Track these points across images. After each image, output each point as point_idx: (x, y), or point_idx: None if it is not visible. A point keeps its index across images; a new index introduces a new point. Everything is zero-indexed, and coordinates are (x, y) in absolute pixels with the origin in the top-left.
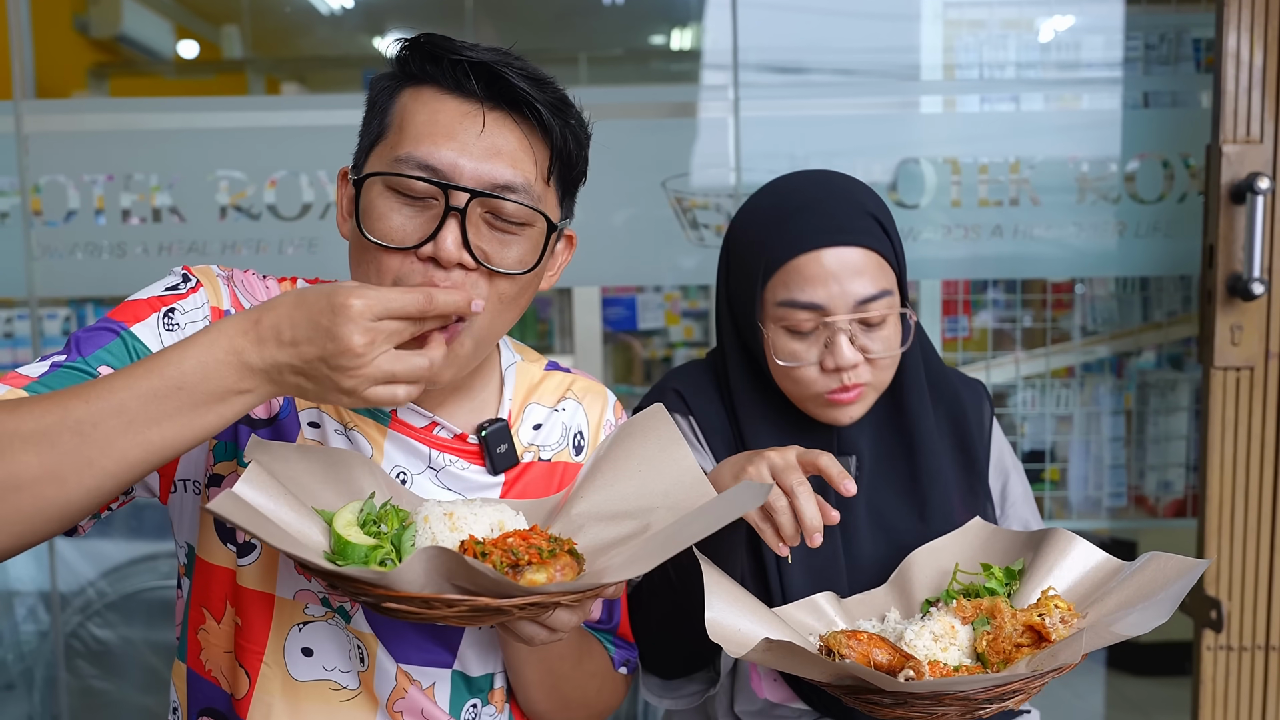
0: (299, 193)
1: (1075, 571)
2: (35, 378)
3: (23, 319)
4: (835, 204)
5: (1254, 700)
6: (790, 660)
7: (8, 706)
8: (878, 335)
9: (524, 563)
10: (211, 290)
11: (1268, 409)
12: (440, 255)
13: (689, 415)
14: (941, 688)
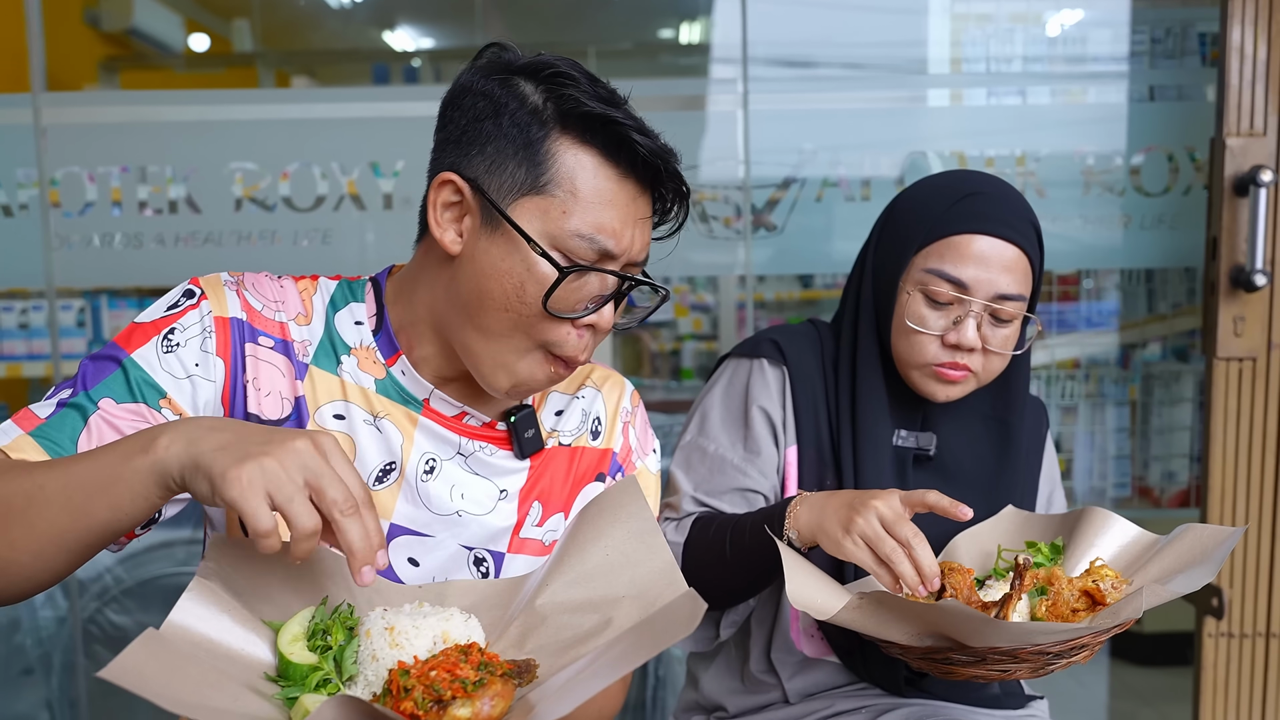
0: (313, 184)
1: (1115, 545)
2: (43, 419)
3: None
4: (1008, 203)
5: (1254, 686)
6: (878, 616)
7: (26, 691)
8: (1001, 331)
9: (448, 697)
10: (216, 301)
11: (1270, 399)
12: (599, 325)
13: (783, 365)
14: (1021, 640)
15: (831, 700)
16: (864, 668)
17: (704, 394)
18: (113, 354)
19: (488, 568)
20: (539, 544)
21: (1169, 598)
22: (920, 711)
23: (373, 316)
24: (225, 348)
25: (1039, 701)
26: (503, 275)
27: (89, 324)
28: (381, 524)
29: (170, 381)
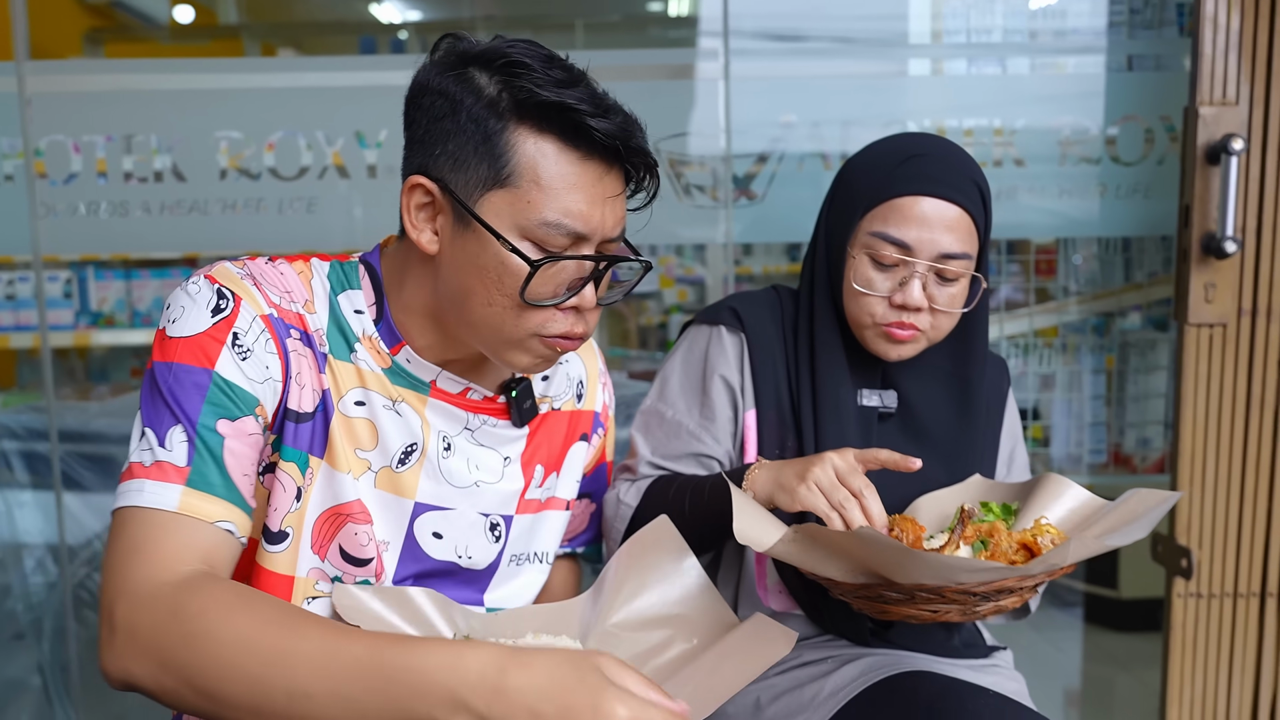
0: (297, 154)
1: (1065, 508)
2: (186, 466)
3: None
4: (949, 163)
5: (1221, 644)
6: (811, 551)
7: (18, 655)
8: (947, 290)
9: None
10: (250, 299)
11: (1239, 365)
12: (584, 306)
13: (741, 331)
14: (940, 576)
15: (799, 651)
16: (829, 620)
17: (666, 360)
18: (192, 374)
19: (500, 531)
20: (538, 503)
21: (1098, 550)
22: (884, 660)
23: (372, 305)
24: (278, 347)
25: (1003, 652)
26: (480, 271)
27: (75, 295)
28: (405, 505)
29: (256, 389)
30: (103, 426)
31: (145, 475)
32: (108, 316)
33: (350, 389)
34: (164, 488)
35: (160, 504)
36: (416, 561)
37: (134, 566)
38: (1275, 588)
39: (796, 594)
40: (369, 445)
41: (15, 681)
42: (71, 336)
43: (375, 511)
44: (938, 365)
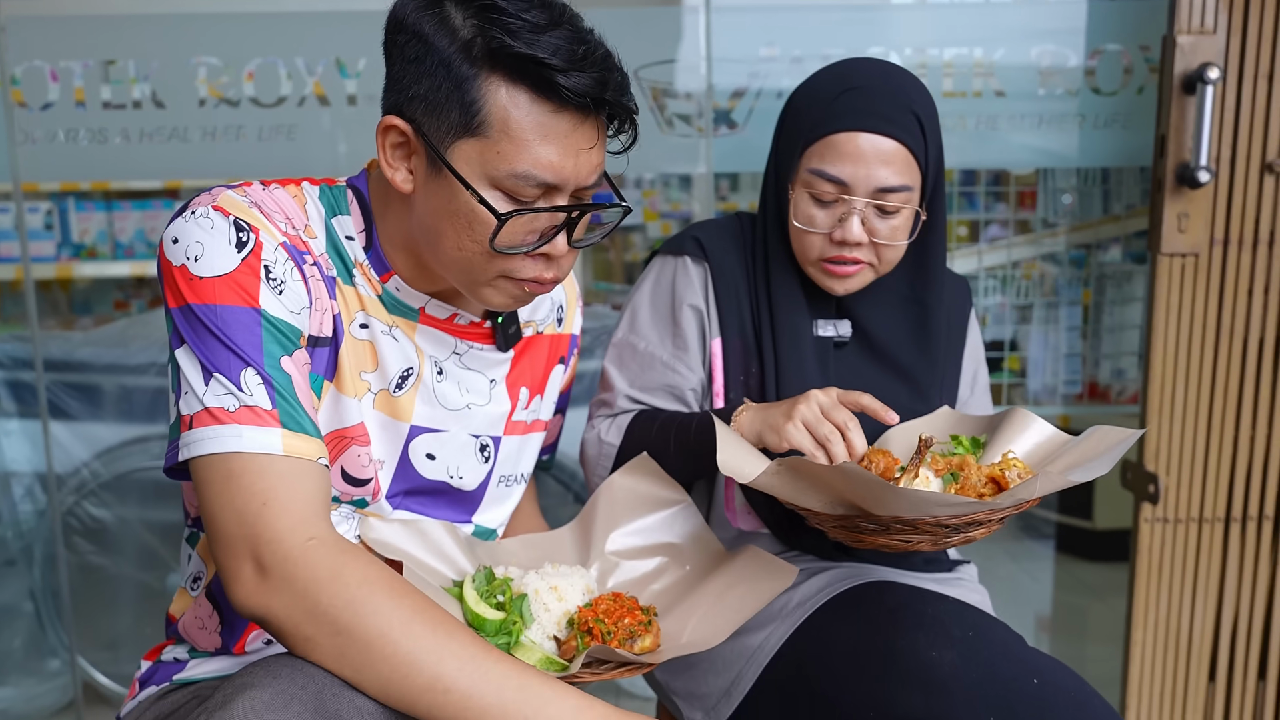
0: (277, 82)
1: (1031, 442)
2: (273, 408)
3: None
4: (883, 94)
5: (1186, 567)
6: (793, 483)
7: (10, 581)
8: (888, 223)
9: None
10: (265, 230)
11: (1210, 294)
12: (556, 253)
13: (704, 262)
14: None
15: None
16: (795, 538)
17: (634, 291)
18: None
19: (490, 452)
20: (525, 425)
21: (1063, 485)
22: (849, 572)
23: (361, 233)
24: (300, 274)
25: (966, 566)
26: (451, 216)
27: (57, 227)
28: (400, 428)
29: (296, 319)
30: (87, 356)
31: (235, 420)
32: (90, 248)
33: (355, 312)
34: (264, 432)
35: (267, 449)
36: (408, 480)
37: (274, 516)
38: (1240, 513)
39: (764, 516)
40: (370, 368)
41: (8, 607)
42: (54, 268)
43: (373, 432)
44: (894, 290)
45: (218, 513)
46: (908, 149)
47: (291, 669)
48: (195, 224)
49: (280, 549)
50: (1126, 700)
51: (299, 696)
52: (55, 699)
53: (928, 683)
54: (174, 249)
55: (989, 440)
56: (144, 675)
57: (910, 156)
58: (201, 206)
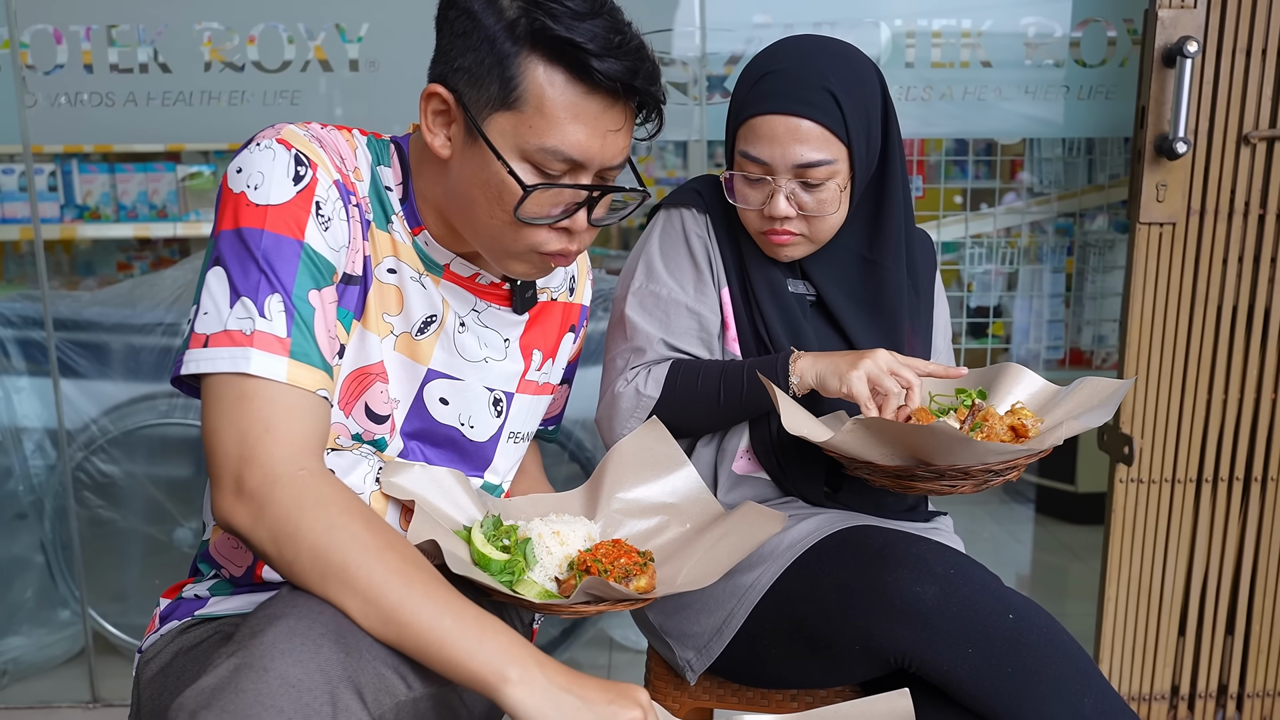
0: (280, 47)
1: (1027, 391)
2: (286, 337)
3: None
4: (797, 77)
5: (1159, 527)
6: (865, 439)
7: (21, 534)
8: (815, 196)
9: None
10: (324, 166)
11: (1186, 262)
12: (576, 228)
13: (705, 212)
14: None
15: None
16: (789, 483)
17: (642, 243)
18: (286, 243)
19: (502, 407)
20: (536, 384)
21: (1083, 430)
22: (837, 517)
23: (399, 185)
24: (347, 214)
25: (943, 517)
26: (483, 185)
27: (60, 189)
28: (418, 370)
29: (335, 257)
30: (95, 315)
31: (247, 343)
32: (93, 210)
33: (385, 256)
34: (271, 359)
35: (270, 374)
36: (421, 420)
37: (274, 443)
38: (1211, 474)
39: (764, 461)
40: (395, 311)
41: (20, 559)
42: (58, 230)
43: (392, 372)
44: (851, 251)
45: (222, 430)
46: (822, 125)
47: (310, 602)
48: (259, 154)
49: (274, 473)
50: (1099, 653)
51: (319, 623)
52: (66, 648)
53: (911, 616)
54: (237, 178)
55: (990, 393)
56: (164, 611)
57: (826, 132)
58: (266, 139)
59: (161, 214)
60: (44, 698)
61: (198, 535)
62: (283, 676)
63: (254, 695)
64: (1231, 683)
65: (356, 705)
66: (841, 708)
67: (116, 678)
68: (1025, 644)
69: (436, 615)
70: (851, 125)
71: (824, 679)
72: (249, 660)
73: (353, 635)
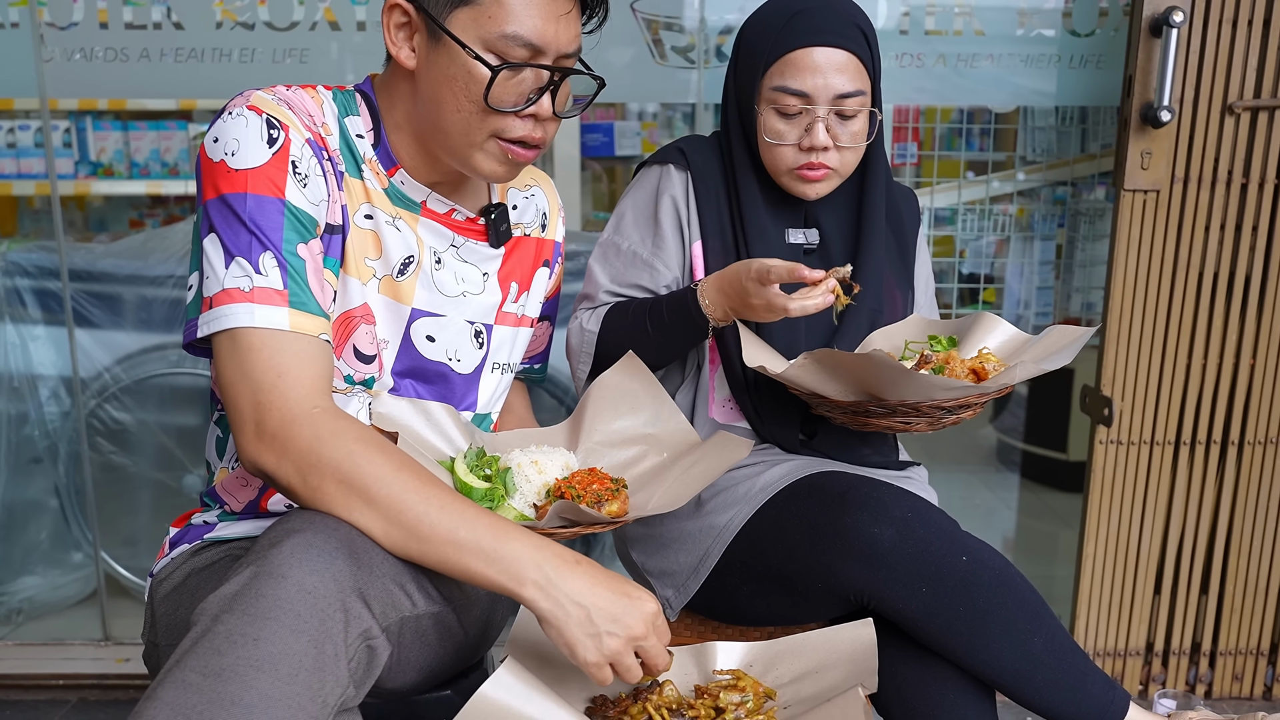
0: (290, 6)
1: (998, 339)
2: (284, 289)
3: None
4: (830, 13)
5: (1136, 489)
6: (818, 373)
7: (36, 478)
8: (848, 127)
9: (604, 499)
10: (294, 127)
11: (1169, 229)
12: (540, 114)
13: (687, 170)
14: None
15: None
16: (766, 430)
17: (622, 198)
18: (268, 203)
19: (483, 339)
20: (514, 316)
21: (1036, 373)
22: (808, 463)
23: (370, 131)
24: (321, 169)
25: (917, 468)
26: (450, 81)
27: (75, 145)
28: (402, 310)
29: (316, 211)
30: (109, 266)
31: (248, 299)
32: (107, 167)
33: (361, 204)
34: (273, 310)
35: (274, 324)
36: (411, 359)
37: (288, 388)
38: (1189, 437)
39: (744, 409)
40: (374, 255)
41: (34, 502)
42: (72, 185)
43: (379, 314)
44: (849, 192)
45: (237, 381)
46: (857, 57)
47: (325, 519)
48: (233, 122)
49: (291, 414)
50: (1076, 610)
51: (334, 538)
52: (78, 589)
53: (869, 556)
54: (214, 147)
55: (962, 340)
56: (174, 538)
57: (859, 64)
58: (237, 107)
59: (173, 171)
60: (57, 635)
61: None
62: (300, 584)
63: (273, 599)
64: (1205, 640)
65: (366, 614)
66: (808, 635)
67: (127, 617)
68: (977, 584)
69: (454, 526)
70: (875, 59)
71: (793, 616)
72: (267, 568)
73: (365, 552)
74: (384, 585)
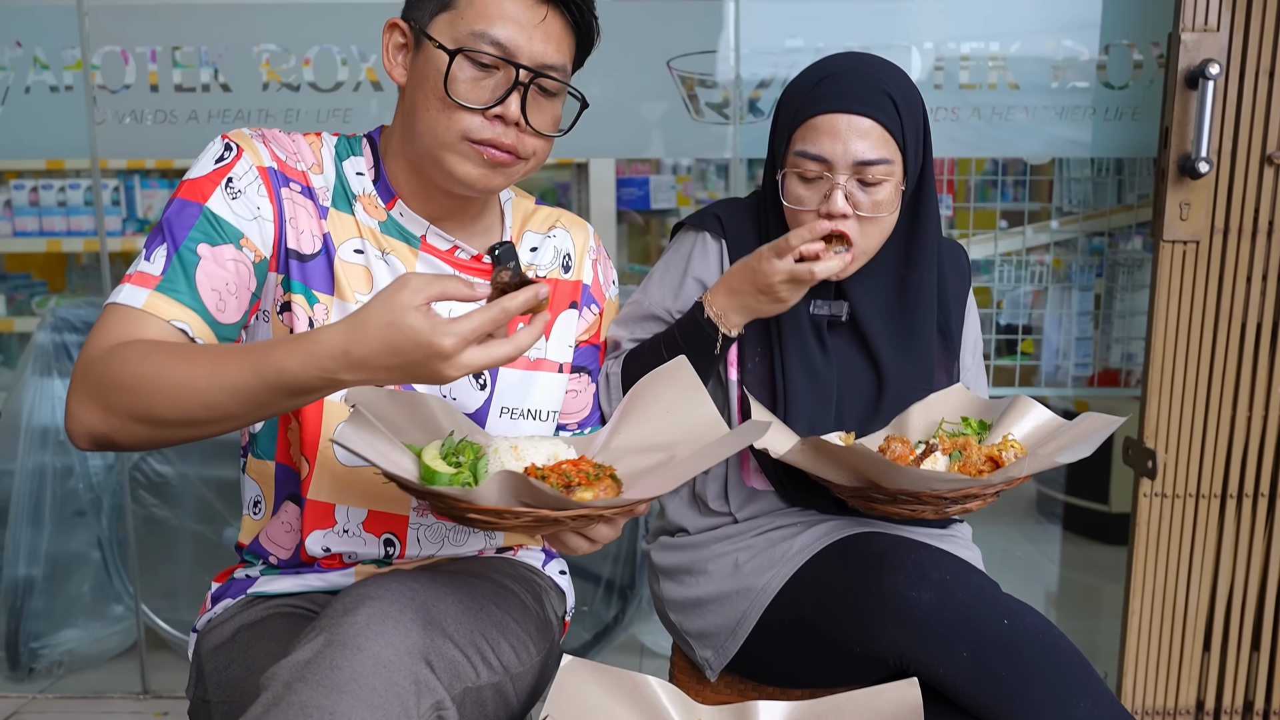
0: (334, 68)
1: (1030, 425)
2: (159, 275)
3: (75, 188)
4: (857, 79)
5: (1183, 540)
6: (816, 459)
7: (80, 531)
8: (871, 196)
9: (575, 484)
10: (251, 152)
11: (1210, 280)
12: (507, 116)
13: (722, 238)
14: (918, 484)
15: (773, 519)
16: (798, 497)
17: (658, 261)
18: (188, 205)
19: (485, 380)
20: (526, 360)
21: (1048, 465)
22: (846, 522)
23: (371, 168)
24: (271, 193)
25: (960, 525)
26: (423, 81)
27: (123, 203)
28: None
29: (243, 223)
30: None
31: (126, 281)
32: (153, 223)
33: (349, 238)
34: (137, 290)
35: (130, 302)
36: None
37: (90, 346)
38: (1235, 489)
39: (771, 477)
40: (364, 289)
41: (77, 554)
42: (120, 242)
43: None
44: (890, 269)
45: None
46: (881, 125)
47: (399, 583)
48: (207, 149)
49: (79, 369)
50: (1124, 668)
51: (409, 607)
52: (119, 642)
53: (908, 620)
54: None
55: (995, 423)
56: (216, 592)
57: (885, 132)
58: (217, 137)
59: None
60: (97, 688)
61: None
62: (375, 656)
63: (348, 673)
64: (1257, 699)
65: (437, 685)
66: (852, 695)
67: (166, 670)
68: (1020, 648)
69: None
70: (907, 129)
71: (833, 679)
72: (341, 638)
73: (437, 619)
74: (453, 654)
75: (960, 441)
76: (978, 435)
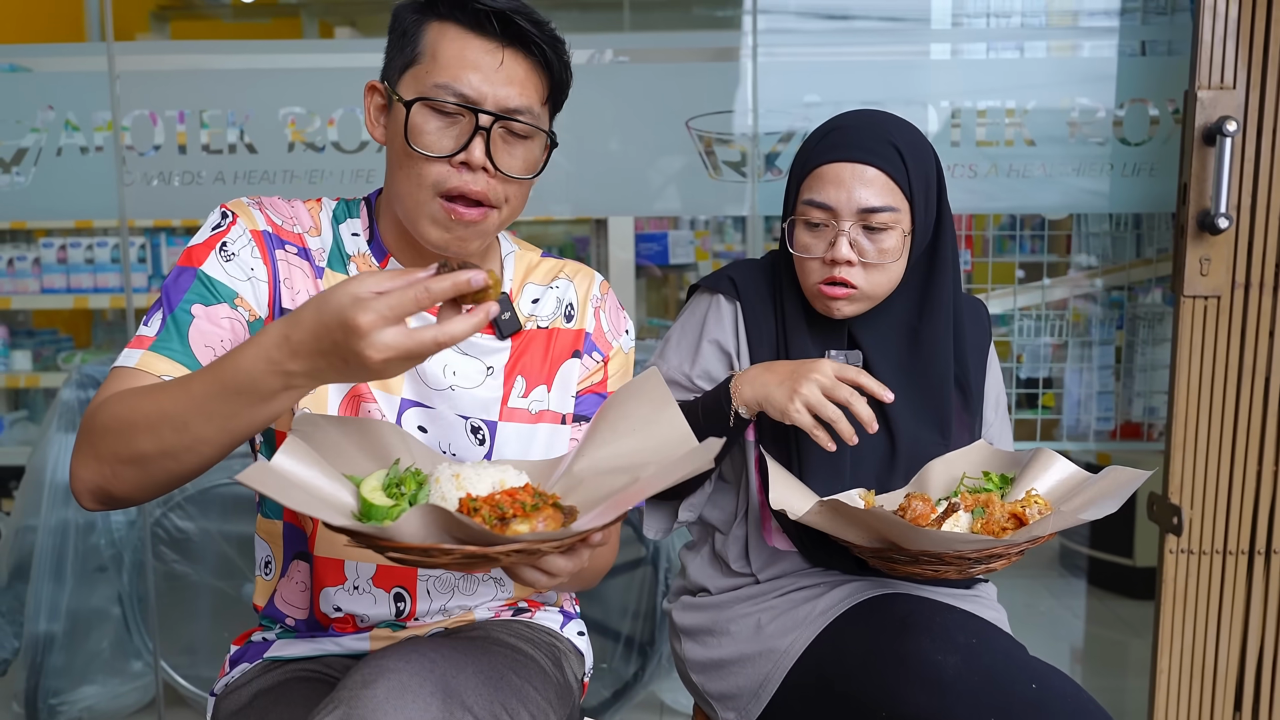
0: (358, 129)
1: (1053, 480)
2: (154, 336)
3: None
4: (864, 130)
5: (1211, 598)
6: (834, 520)
7: (100, 586)
8: (877, 243)
9: (509, 516)
10: (246, 218)
11: (1231, 334)
12: (471, 162)
13: (736, 301)
14: (939, 545)
15: (795, 579)
16: (820, 557)
17: (674, 324)
18: (184, 271)
19: (484, 435)
20: (526, 413)
21: (1074, 523)
22: (869, 584)
23: (366, 229)
24: (265, 255)
25: (985, 585)
26: (394, 135)
27: (149, 260)
28: (394, 400)
29: (237, 284)
30: None
31: (127, 346)
32: None
33: None
34: (133, 352)
35: (126, 363)
36: None
37: (88, 407)
38: (1264, 546)
39: (793, 538)
40: None
41: (98, 610)
42: (146, 298)
43: (378, 397)
44: (902, 320)
45: None
46: (886, 174)
47: (418, 654)
48: (208, 217)
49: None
50: None
51: (428, 680)
52: (137, 698)
53: (933, 684)
54: None
55: (1017, 477)
56: (234, 655)
57: (890, 181)
58: (218, 206)
59: None
60: None
61: None
62: None
63: None
64: None
65: None
66: None
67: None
68: (1048, 712)
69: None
70: (914, 179)
71: None
72: (360, 713)
73: (456, 690)
74: None
75: (983, 498)
76: (1000, 490)
